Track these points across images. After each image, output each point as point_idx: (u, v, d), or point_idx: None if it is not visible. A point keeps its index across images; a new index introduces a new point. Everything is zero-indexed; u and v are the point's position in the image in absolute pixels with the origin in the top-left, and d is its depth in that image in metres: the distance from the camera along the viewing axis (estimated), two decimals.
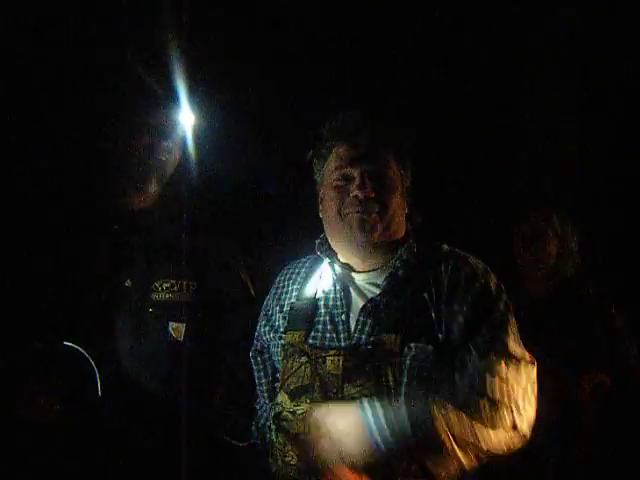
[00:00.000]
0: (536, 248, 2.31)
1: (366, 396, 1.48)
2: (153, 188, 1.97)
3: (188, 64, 1.97)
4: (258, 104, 2.54)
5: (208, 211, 2.17)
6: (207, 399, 2.02)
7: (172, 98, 1.91)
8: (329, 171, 1.65)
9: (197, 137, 1.96)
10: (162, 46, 2.03)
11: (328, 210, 1.64)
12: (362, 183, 1.57)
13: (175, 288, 2.03)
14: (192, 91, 1.93)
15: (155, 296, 1.99)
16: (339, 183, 1.61)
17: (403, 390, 1.49)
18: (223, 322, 2.11)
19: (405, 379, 1.50)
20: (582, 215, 2.40)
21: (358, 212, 1.56)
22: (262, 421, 1.78)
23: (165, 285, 2.02)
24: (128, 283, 1.99)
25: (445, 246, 1.67)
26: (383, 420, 1.40)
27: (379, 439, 1.39)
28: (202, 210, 2.11)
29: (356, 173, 1.59)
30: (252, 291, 2.17)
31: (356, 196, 1.57)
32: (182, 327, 2.05)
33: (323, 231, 1.75)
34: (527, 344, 1.61)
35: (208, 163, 2.08)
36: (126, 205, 1.98)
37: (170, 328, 2.05)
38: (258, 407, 1.82)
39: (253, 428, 1.81)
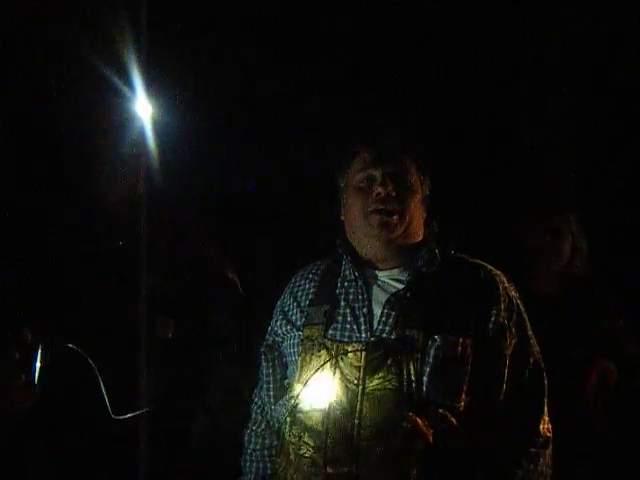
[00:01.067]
0: (555, 244, 2.38)
1: (386, 388, 1.49)
2: (128, 185, 1.95)
3: (146, 52, 1.98)
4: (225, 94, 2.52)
5: (191, 208, 2.15)
6: (200, 397, 1.97)
7: (132, 92, 1.91)
8: (353, 174, 1.70)
9: (157, 128, 1.96)
10: (118, 35, 2.02)
11: (351, 211, 1.68)
12: (384, 182, 1.63)
13: (162, 284, 1.99)
14: (155, 83, 1.95)
15: (143, 292, 1.95)
16: (362, 185, 1.67)
17: (425, 381, 1.48)
18: (212, 319, 2.07)
19: (428, 370, 1.49)
20: (589, 217, 2.44)
21: (380, 212, 1.61)
22: (262, 427, 1.77)
23: (153, 280, 1.97)
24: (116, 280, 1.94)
25: (463, 254, 1.71)
26: None
27: None
28: (186, 207, 2.09)
29: (379, 174, 1.65)
30: (239, 288, 2.14)
31: (379, 194, 1.62)
32: (171, 323, 2.01)
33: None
34: (538, 337, 1.64)
35: (169, 150, 2.08)
36: (111, 204, 1.96)
37: (158, 324, 2.00)
38: (259, 410, 1.79)
39: (248, 432, 1.77)
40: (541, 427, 1.58)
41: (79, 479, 1.79)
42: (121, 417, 1.67)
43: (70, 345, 1.70)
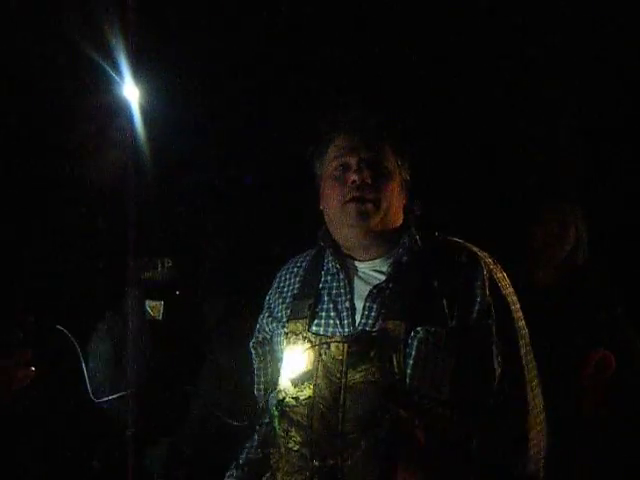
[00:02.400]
0: (561, 234, 2.38)
1: (369, 381, 1.48)
2: (111, 167, 1.97)
3: (134, 37, 1.97)
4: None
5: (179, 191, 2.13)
6: (190, 379, 1.97)
7: (117, 73, 1.91)
8: (328, 162, 1.67)
9: (145, 113, 1.98)
10: (107, 23, 1.99)
11: (328, 200, 1.65)
12: (359, 169, 1.59)
13: (150, 265, 1.97)
14: (142, 68, 1.95)
15: (130, 274, 1.93)
16: (337, 173, 1.63)
17: (408, 374, 1.48)
18: (203, 300, 2.06)
19: (411, 362, 1.48)
20: (591, 207, 2.44)
21: (356, 200, 1.58)
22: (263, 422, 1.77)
23: (140, 263, 1.95)
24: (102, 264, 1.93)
25: (447, 237, 1.69)
26: None
27: None
28: (171, 189, 2.08)
29: (354, 161, 1.61)
30: (231, 270, 2.12)
31: (354, 181, 1.59)
32: (160, 305, 2.00)
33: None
34: (536, 327, 1.62)
35: (158, 135, 2.09)
36: (98, 186, 1.98)
37: (147, 306, 1.99)
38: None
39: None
40: (527, 419, 1.54)
41: (68, 462, 1.81)
42: (102, 399, 1.69)
43: (59, 327, 1.72)
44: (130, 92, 1.88)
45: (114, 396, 1.71)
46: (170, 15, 2.32)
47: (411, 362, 1.48)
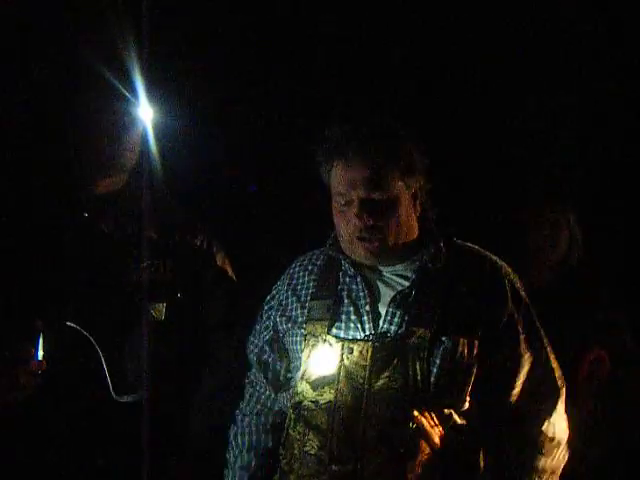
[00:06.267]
0: (553, 236, 2.40)
1: (392, 388, 1.49)
2: (117, 176, 1.95)
3: (147, 57, 1.98)
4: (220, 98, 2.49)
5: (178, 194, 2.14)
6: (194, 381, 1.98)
7: (131, 92, 1.90)
8: (333, 188, 1.62)
9: (157, 130, 1.98)
10: (120, 40, 2.01)
11: (337, 225, 1.64)
12: (360, 213, 1.55)
13: (152, 268, 1.96)
14: (152, 86, 1.94)
15: (132, 277, 1.92)
16: (342, 208, 1.60)
17: (432, 382, 1.50)
18: (204, 302, 2.04)
19: (435, 370, 1.50)
20: (586, 210, 2.46)
21: (362, 239, 1.57)
22: (257, 407, 1.79)
23: (142, 265, 1.94)
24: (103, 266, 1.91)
25: (468, 244, 1.70)
26: None
27: None
28: (172, 192, 2.08)
29: (355, 197, 1.56)
30: (231, 274, 2.11)
31: (355, 224, 1.56)
32: (162, 307, 1.99)
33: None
34: None
35: (170, 150, 2.10)
36: (95, 191, 1.94)
37: (151, 308, 1.97)
38: (248, 395, 1.82)
39: (238, 413, 1.80)
40: (554, 428, 1.62)
41: (79, 461, 1.78)
42: (122, 399, 1.70)
43: (69, 323, 1.70)
44: (144, 112, 1.88)
45: (135, 397, 1.70)
46: (184, 34, 2.34)
47: (435, 370, 1.49)
